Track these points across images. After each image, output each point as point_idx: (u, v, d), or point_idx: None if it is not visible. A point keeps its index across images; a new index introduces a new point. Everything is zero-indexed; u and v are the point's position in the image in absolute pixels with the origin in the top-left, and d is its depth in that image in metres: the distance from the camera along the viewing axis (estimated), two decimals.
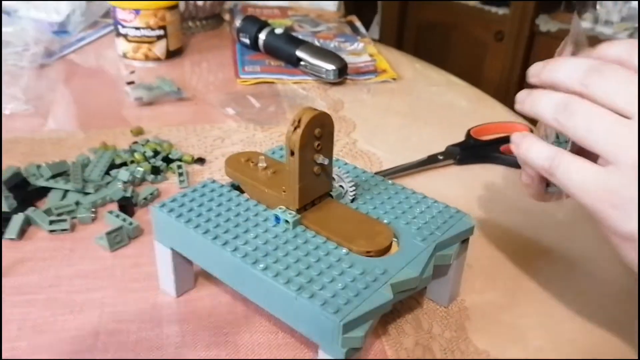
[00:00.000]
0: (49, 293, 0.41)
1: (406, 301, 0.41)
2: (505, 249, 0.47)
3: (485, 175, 0.58)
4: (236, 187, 0.41)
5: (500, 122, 0.67)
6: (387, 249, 0.36)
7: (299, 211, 0.37)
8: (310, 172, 0.37)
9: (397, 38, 2.09)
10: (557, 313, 0.41)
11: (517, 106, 0.36)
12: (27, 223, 0.46)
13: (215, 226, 0.37)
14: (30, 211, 0.47)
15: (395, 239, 0.37)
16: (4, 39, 0.74)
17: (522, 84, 1.94)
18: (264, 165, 0.41)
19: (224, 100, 0.70)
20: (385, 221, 0.38)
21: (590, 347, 0.38)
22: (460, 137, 0.63)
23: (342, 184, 0.40)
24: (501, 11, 1.71)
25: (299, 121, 0.35)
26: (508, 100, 1.77)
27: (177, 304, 0.41)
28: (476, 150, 0.61)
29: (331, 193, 0.40)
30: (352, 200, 0.40)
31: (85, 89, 0.72)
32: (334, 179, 0.40)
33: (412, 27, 2.07)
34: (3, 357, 0.36)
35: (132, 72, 0.75)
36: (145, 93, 0.67)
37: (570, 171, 0.31)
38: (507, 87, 1.93)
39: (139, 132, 0.61)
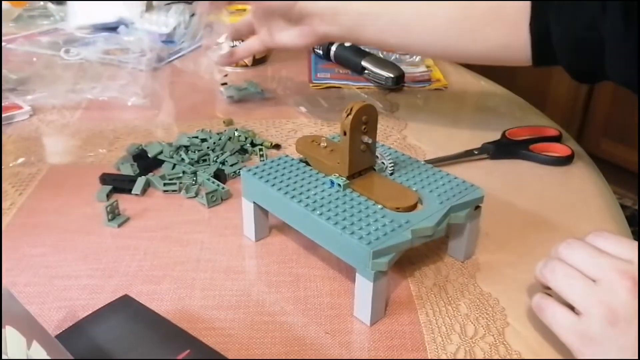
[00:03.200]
0: (164, 233, 0.56)
1: (430, 256, 0.53)
2: (521, 225, 0.58)
3: (514, 168, 0.68)
4: (304, 162, 0.55)
5: (534, 126, 0.76)
6: (412, 207, 0.48)
7: (348, 178, 0.50)
8: (358, 149, 0.50)
9: None
10: None
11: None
12: (147, 185, 0.62)
13: (286, 185, 0.50)
14: (149, 176, 0.62)
15: (420, 202, 0.49)
16: (126, 47, 0.91)
17: (590, 99, 1.97)
18: (325, 144, 0.54)
19: (298, 101, 0.84)
20: (414, 189, 0.50)
21: None
22: (496, 138, 0.73)
23: (384, 161, 0.53)
24: None
25: (351, 109, 0.48)
26: (575, 114, 1.82)
27: (256, 246, 0.54)
28: (508, 147, 0.71)
29: (374, 167, 0.52)
30: (391, 174, 0.52)
31: (187, 88, 0.89)
32: (377, 157, 0.53)
33: None
34: (129, 271, 0.50)
35: (226, 75, 0.91)
36: (236, 92, 0.83)
37: (556, 315, 0.42)
38: (574, 100, 1.97)
39: (230, 122, 0.76)
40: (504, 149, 0.70)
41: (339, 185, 0.49)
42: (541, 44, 0.61)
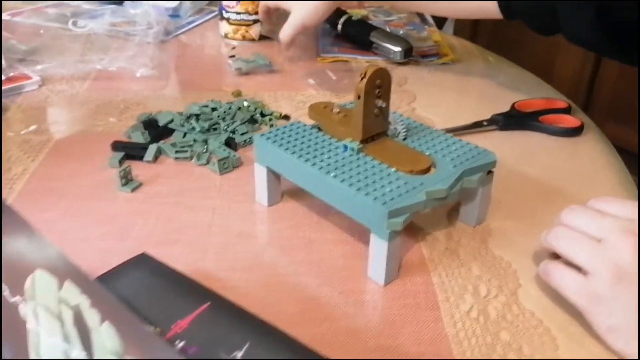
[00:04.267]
0: (176, 198, 0.56)
1: (442, 222, 0.53)
2: (532, 194, 0.58)
3: (523, 139, 0.68)
4: (316, 128, 0.55)
5: (543, 98, 0.76)
6: (426, 171, 0.48)
7: (361, 142, 0.50)
8: (372, 113, 0.50)
9: (471, 34, 2.15)
10: None
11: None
12: (159, 152, 0.62)
13: (300, 149, 0.50)
14: (160, 143, 0.62)
15: (434, 166, 0.49)
16: (132, 19, 0.91)
17: (594, 81, 1.96)
18: (337, 110, 0.54)
19: (306, 73, 0.84)
20: (427, 154, 0.50)
21: None
22: (505, 110, 0.73)
23: (397, 127, 0.53)
24: None
25: (365, 73, 0.48)
26: (579, 95, 1.83)
27: (268, 211, 0.55)
28: (518, 119, 0.71)
29: (387, 133, 0.52)
30: (404, 139, 0.53)
31: (195, 61, 0.89)
32: (390, 122, 0.53)
33: (487, 25, 2.13)
34: (142, 234, 0.51)
35: (234, 47, 0.91)
36: (244, 64, 0.82)
37: (563, 277, 0.42)
38: (578, 81, 1.96)
39: (238, 94, 0.76)
40: (514, 120, 0.71)
41: (352, 149, 0.50)
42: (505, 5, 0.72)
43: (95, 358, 0.28)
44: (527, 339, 0.41)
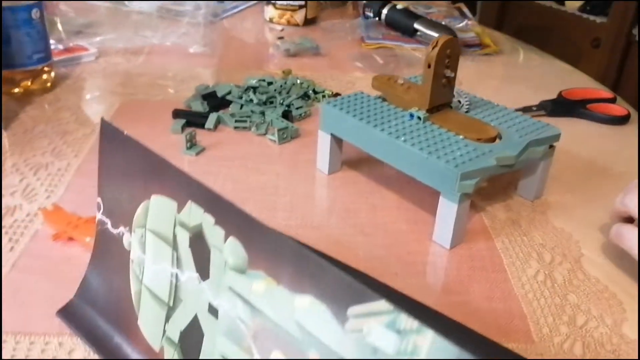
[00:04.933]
0: (240, 162, 0.57)
1: (500, 196, 0.54)
2: (586, 171, 0.59)
3: (572, 125, 0.69)
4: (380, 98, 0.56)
5: (589, 87, 0.77)
6: (492, 140, 0.49)
7: (427, 112, 0.51)
8: (440, 82, 0.51)
9: (496, 24, 2.15)
10: None
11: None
12: (218, 121, 0.63)
13: (367, 116, 0.51)
14: (220, 113, 0.64)
15: (499, 137, 0.50)
16: (180, 0, 0.93)
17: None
18: (402, 82, 0.55)
19: (352, 57, 0.85)
20: (491, 124, 0.51)
21: None
22: (552, 97, 0.74)
23: (460, 99, 0.54)
24: (599, 19, 1.75)
25: (437, 42, 0.49)
26: None
27: (329, 178, 0.56)
28: (566, 106, 0.72)
29: (451, 105, 0.54)
30: (467, 112, 0.54)
31: (242, 42, 0.90)
32: (454, 95, 0.54)
33: (509, 30, 2.14)
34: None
35: (282, 29, 0.93)
36: (292, 46, 0.84)
37: (637, 238, 0.43)
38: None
39: (288, 72, 0.77)
40: (562, 107, 0.72)
41: (419, 117, 0.51)
42: None
43: (210, 278, 0.29)
44: (594, 302, 0.42)
